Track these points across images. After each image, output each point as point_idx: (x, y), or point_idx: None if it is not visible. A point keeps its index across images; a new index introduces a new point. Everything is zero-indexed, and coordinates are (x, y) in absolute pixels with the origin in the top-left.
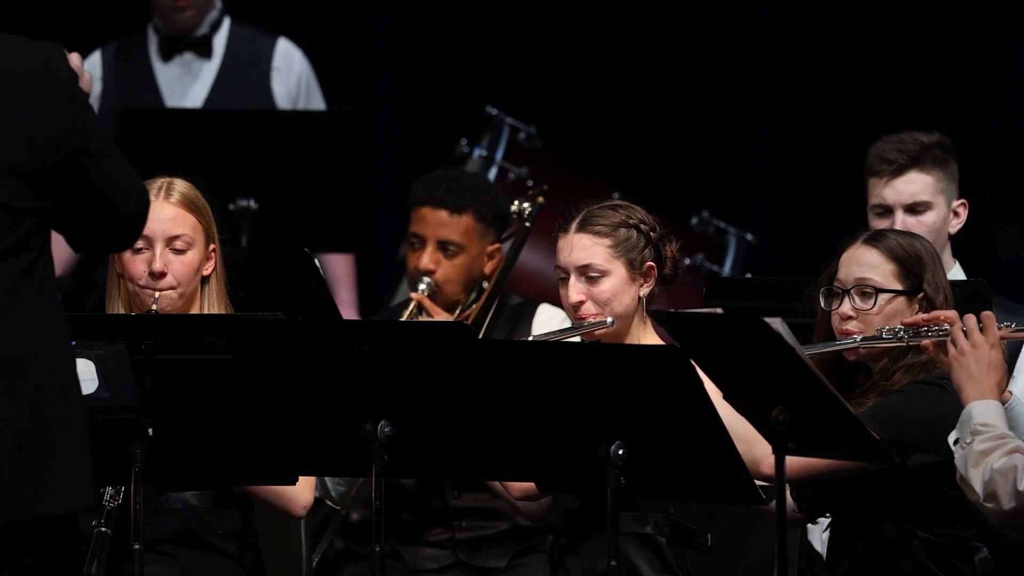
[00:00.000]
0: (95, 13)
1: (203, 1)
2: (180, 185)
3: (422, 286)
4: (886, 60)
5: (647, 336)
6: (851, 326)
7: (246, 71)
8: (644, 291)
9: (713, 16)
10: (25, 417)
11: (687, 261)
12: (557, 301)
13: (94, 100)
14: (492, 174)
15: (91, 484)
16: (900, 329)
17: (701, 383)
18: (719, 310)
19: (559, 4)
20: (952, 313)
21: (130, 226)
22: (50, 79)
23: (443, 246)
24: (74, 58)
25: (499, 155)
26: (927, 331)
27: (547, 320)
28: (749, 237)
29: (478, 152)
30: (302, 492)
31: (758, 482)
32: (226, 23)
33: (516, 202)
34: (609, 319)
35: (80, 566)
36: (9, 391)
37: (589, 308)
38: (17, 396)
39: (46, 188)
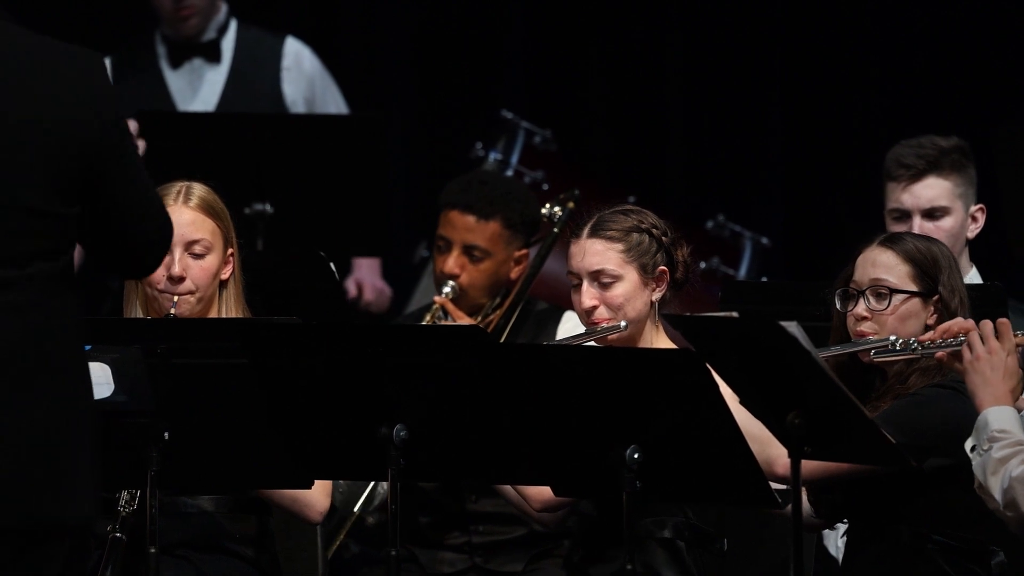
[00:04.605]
0: (101, 21)
1: (207, 8)
2: (199, 189)
3: (446, 289)
4: (899, 64)
5: (659, 340)
6: (865, 327)
7: (256, 74)
8: (656, 295)
9: (726, 21)
10: (39, 421)
11: (702, 265)
12: (572, 306)
13: None
14: None
15: (99, 496)
16: (914, 342)
17: (716, 386)
18: (734, 314)
19: (573, 8)
20: (968, 322)
21: (150, 253)
22: (85, 82)
23: (469, 251)
24: (131, 124)
25: (514, 159)
26: (941, 343)
27: (573, 327)
28: (764, 241)
29: (493, 156)
30: (319, 497)
31: (775, 486)
32: (233, 26)
33: (548, 205)
34: (623, 323)
35: None
36: (25, 393)
37: (602, 313)
38: (33, 398)
39: (74, 192)
